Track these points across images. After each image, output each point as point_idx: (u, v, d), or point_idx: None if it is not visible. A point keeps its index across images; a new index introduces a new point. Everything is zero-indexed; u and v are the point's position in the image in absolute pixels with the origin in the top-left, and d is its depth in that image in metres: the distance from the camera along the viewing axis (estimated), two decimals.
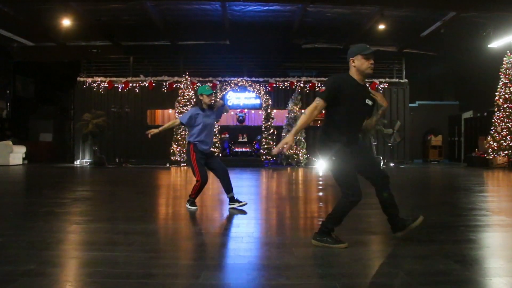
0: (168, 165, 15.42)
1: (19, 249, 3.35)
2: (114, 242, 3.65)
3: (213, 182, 9.55)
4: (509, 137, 13.67)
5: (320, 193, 7.53)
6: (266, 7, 14.30)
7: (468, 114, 18.25)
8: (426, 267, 2.89)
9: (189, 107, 14.95)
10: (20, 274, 2.68)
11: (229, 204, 5.35)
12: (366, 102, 3.38)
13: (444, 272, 2.77)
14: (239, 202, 5.31)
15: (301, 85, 16.67)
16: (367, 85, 3.58)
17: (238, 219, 4.88)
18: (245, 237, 3.83)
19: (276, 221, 4.88)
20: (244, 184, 9.54)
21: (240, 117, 16.64)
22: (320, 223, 3.47)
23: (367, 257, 3.14)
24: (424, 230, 4.10)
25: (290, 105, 15.45)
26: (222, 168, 5.35)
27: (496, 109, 14.24)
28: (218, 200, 6.41)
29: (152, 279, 2.61)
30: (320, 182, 9.55)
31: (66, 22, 14.65)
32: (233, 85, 16.23)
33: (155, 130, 5.40)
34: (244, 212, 5.14)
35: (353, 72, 3.39)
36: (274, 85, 16.69)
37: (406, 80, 17.28)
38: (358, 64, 3.33)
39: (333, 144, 3.31)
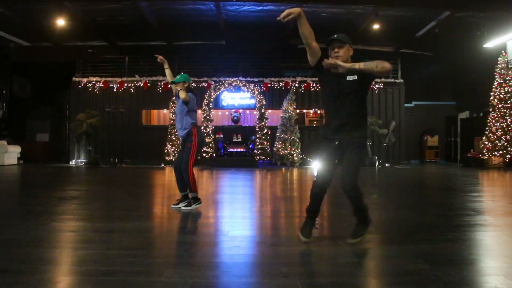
0: (162, 165, 15.39)
1: None
2: (88, 240, 3.63)
3: (206, 181, 9.55)
4: (504, 138, 13.62)
5: None
6: (260, 7, 14.28)
7: (464, 115, 18.20)
8: (395, 267, 2.86)
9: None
10: None
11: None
12: (347, 78, 3.35)
13: (412, 272, 2.73)
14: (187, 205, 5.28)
15: (296, 85, 16.65)
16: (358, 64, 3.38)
17: (217, 218, 4.86)
18: (221, 235, 3.81)
19: (256, 220, 4.85)
20: (238, 184, 9.54)
21: (235, 117, 16.61)
22: None
23: (336, 256, 3.11)
24: (402, 230, 4.08)
25: (285, 105, 15.42)
26: (179, 163, 5.29)
27: (491, 109, 14.19)
28: (205, 200, 6.37)
29: (113, 277, 2.59)
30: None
31: (61, 22, 14.64)
32: (227, 85, 16.20)
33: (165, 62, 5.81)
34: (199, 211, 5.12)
35: None
36: (269, 85, 16.67)
37: (402, 80, 17.25)
38: None
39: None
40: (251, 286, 2.48)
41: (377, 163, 15.51)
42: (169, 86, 5.44)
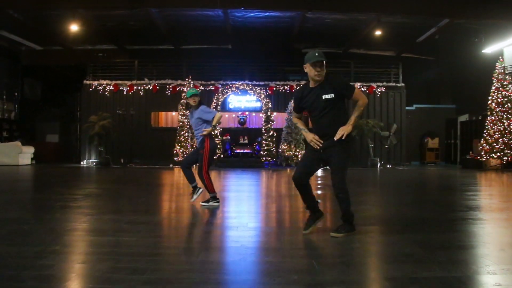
0: (171, 165, 15.91)
1: (44, 234, 3.86)
2: (124, 230, 4.15)
3: (219, 181, 10.07)
4: (501, 140, 14.11)
5: (319, 192, 7.89)
6: (267, 14, 14.82)
7: (464, 118, 18.67)
8: (393, 251, 3.38)
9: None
10: (48, 252, 3.19)
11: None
12: (323, 97, 3.75)
13: (408, 254, 3.25)
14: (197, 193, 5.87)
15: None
16: (331, 79, 3.83)
17: (235, 212, 5.38)
18: (240, 227, 4.32)
19: (270, 214, 5.37)
20: (245, 183, 10.06)
21: (241, 120, 17.12)
22: None
23: (343, 243, 3.62)
24: (400, 223, 4.60)
25: (290, 108, 15.92)
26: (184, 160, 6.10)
27: (489, 113, 14.67)
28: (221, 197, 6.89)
29: (159, 257, 3.12)
30: (318, 182, 9.99)
31: (74, 27, 15.18)
32: (234, 89, 16.75)
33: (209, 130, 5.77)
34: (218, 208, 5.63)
35: (309, 78, 3.88)
36: (274, 88, 17.20)
37: (403, 84, 17.76)
38: (308, 71, 3.81)
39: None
40: (275, 264, 3.00)
41: (378, 165, 16.02)
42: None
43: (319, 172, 13.31)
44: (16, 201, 6.31)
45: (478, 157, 15.02)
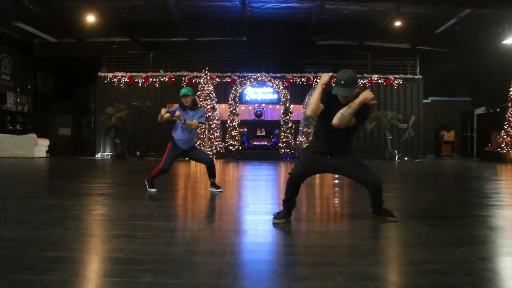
0: (187, 158, 15.80)
1: (88, 218, 3.78)
2: (174, 215, 4.06)
3: (232, 171, 9.98)
4: None
5: (336, 181, 7.77)
6: (285, 4, 14.65)
7: (480, 110, 18.50)
8: (465, 232, 3.28)
9: (208, 102, 15.50)
10: (112, 237, 3.10)
11: (210, 188, 5.88)
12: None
13: (480, 235, 3.17)
14: (216, 188, 5.77)
15: (318, 80, 17.02)
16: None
17: (261, 198, 5.27)
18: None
19: (300, 201, 5.28)
20: (262, 173, 9.98)
21: (258, 112, 17.01)
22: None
23: (402, 227, 3.52)
24: (456, 208, 4.50)
25: (307, 100, 15.82)
26: (207, 158, 6.00)
27: (510, 104, 14.50)
28: (237, 186, 6.80)
29: (196, 243, 3.03)
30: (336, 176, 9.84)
31: (90, 18, 15.10)
32: (252, 80, 16.64)
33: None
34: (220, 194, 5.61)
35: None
36: (291, 80, 17.07)
37: (420, 76, 17.59)
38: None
39: None
40: (322, 233, 2.91)
41: (396, 157, 15.89)
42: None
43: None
44: (49, 189, 6.26)
45: (498, 149, 14.86)
